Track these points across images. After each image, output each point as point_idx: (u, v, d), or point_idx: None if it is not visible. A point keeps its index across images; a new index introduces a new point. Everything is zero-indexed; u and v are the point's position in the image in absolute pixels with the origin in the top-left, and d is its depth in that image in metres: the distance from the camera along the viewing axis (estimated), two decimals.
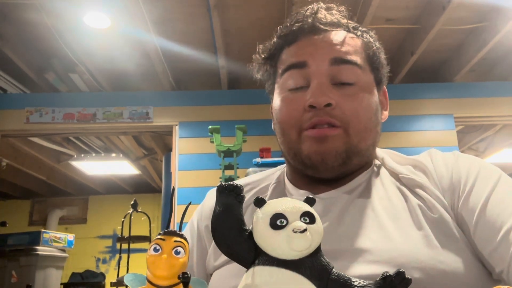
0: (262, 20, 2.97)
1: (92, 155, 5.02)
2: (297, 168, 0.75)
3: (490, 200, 0.63)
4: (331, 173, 0.71)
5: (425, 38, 3.06)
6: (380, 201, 0.69)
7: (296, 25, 0.75)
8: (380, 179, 0.74)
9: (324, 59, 0.71)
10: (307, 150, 0.70)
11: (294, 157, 0.73)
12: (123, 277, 2.90)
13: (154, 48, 3.18)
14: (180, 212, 3.21)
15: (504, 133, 4.67)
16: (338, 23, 0.76)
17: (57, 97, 3.69)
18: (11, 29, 3.07)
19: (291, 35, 0.76)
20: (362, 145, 0.71)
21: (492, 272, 0.62)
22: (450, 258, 0.60)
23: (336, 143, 0.69)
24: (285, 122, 0.73)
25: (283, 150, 0.76)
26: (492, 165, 0.71)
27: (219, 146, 2.58)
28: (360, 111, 0.70)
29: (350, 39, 0.75)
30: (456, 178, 0.69)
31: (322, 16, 0.76)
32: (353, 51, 0.73)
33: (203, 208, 0.84)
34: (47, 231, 4.45)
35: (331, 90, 0.70)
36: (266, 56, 0.80)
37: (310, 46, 0.73)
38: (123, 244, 4.01)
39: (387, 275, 0.38)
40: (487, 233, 0.61)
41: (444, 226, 0.64)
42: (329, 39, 0.73)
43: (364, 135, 0.71)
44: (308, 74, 0.72)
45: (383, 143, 3.13)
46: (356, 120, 0.70)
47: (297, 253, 0.38)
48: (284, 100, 0.74)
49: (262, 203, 0.40)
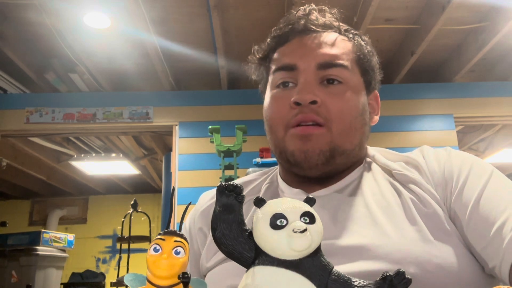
0: (262, 20, 2.97)
1: (92, 155, 5.02)
2: (285, 166, 0.76)
3: (483, 196, 0.64)
4: (315, 172, 0.71)
5: (425, 38, 3.06)
6: (373, 197, 0.69)
7: (288, 27, 0.76)
8: (372, 175, 0.74)
9: (312, 61, 0.72)
10: (292, 147, 0.71)
11: (280, 154, 0.74)
12: (123, 277, 2.90)
13: (154, 48, 3.18)
14: (180, 212, 3.21)
15: (504, 133, 4.67)
16: (330, 25, 0.77)
17: (57, 97, 3.69)
18: (11, 29, 3.07)
19: (283, 36, 0.77)
20: (347, 145, 0.72)
21: (484, 267, 0.62)
22: (444, 252, 0.61)
23: (320, 141, 0.69)
24: (272, 119, 0.74)
25: (272, 148, 0.77)
26: (484, 161, 0.72)
27: (219, 146, 2.58)
28: (345, 110, 0.71)
29: (340, 41, 0.75)
30: (449, 174, 0.69)
31: (314, 18, 0.76)
32: (342, 53, 0.73)
33: (195, 212, 0.84)
34: (47, 231, 4.45)
35: (317, 88, 0.71)
36: (261, 57, 0.81)
37: (300, 48, 0.74)
38: (123, 244, 4.01)
39: (387, 275, 0.38)
40: (480, 229, 0.62)
41: (438, 220, 0.64)
42: (319, 41, 0.74)
43: (349, 135, 0.72)
44: (296, 74, 0.73)
45: (384, 143, 3.14)
46: (340, 119, 0.70)
47: (297, 253, 0.38)
48: (272, 98, 0.75)
49: (262, 203, 0.40)
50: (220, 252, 0.70)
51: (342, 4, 0.77)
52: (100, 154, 5.10)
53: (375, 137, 3.45)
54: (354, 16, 2.88)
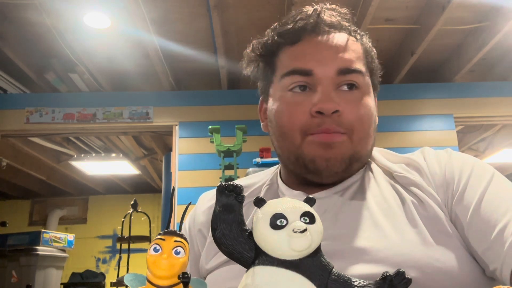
0: (262, 20, 2.97)
1: (92, 155, 5.02)
2: (297, 172, 0.73)
3: (484, 198, 0.64)
4: (333, 179, 0.71)
5: (425, 38, 3.06)
6: (374, 199, 0.69)
7: (299, 24, 0.73)
8: (373, 177, 0.74)
9: (331, 67, 0.70)
10: (312, 154, 0.69)
11: (295, 161, 0.71)
12: (123, 277, 2.90)
13: (154, 48, 3.18)
14: (180, 212, 3.21)
15: (504, 133, 4.67)
16: (341, 26, 0.75)
17: (57, 97, 3.69)
18: (11, 29, 3.07)
19: (292, 34, 0.73)
20: (363, 151, 0.72)
21: (485, 270, 0.62)
22: (445, 256, 0.61)
23: (342, 149, 0.69)
24: (288, 125, 0.71)
25: (282, 153, 0.75)
26: (485, 163, 0.71)
27: (219, 146, 2.58)
28: (364, 117, 0.71)
29: (352, 44, 0.74)
30: (450, 176, 0.69)
31: (327, 17, 0.74)
32: (357, 58, 0.72)
33: (195, 213, 0.84)
34: (47, 231, 4.45)
35: (336, 95, 0.69)
36: (262, 53, 0.77)
37: (315, 52, 0.71)
38: (123, 244, 4.01)
39: (387, 275, 0.38)
40: (481, 231, 0.61)
41: (439, 223, 0.64)
42: (334, 44, 0.72)
43: (366, 141, 0.72)
44: (313, 79, 0.70)
45: (384, 143, 3.14)
46: (360, 127, 0.70)
47: (297, 253, 0.38)
48: (287, 103, 0.72)
49: (262, 203, 0.40)
50: (219, 255, 0.70)
51: (342, 4, 0.77)
52: (100, 154, 5.10)
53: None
54: (354, 16, 2.87)
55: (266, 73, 0.78)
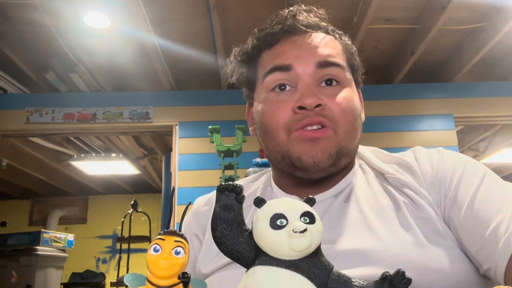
0: (262, 20, 2.96)
1: (92, 155, 5.02)
2: (285, 170, 0.74)
3: (477, 197, 0.64)
4: (320, 174, 0.71)
5: (425, 38, 3.06)
6: (367, 201, 0.69)
7: (276, 27, 0.75)
8: (366, 179, 0.74)
9: (310, 62, 0.71)
10: (298, 152, 0.69)
11: (282, 159, 0.72)
12: (123, 277, 2.90)
13: (154, 48, 3.18)
14: (180, 212, 3.21)
15: (504, 133, 4.67)
16: (318, 25, 0.76)
17: (57, 97, 3.69)
18: (11, 29, 3.07)
19: (270, 37, 0.75)
20: (350, 146, 0.72)
21: (479, 269, 0.62)
22: (439, 256, 0.61)
23: (328, 144, 0.69)
24: (272, 124, 0.71)
25: (269, 153, 0.75)
26: (477, 161, 0.72)
27: (219, 146, 2.58)
28: (348, 110, 0.71)
29: (331, 41, 0.75)
30: (442, 175, 0.69)
31: (303, 18, 0.75)
32: (336, 53, 0.73)
33: (190, 217, 0.84)
34: (47, 231, 4.45)
35: (319, 91, 0.70)
36: (244, 59, 0.79)
37: (293, 49, 0.73)
38: (123, 244, 4.01)
39: (387, 275, 0.38)
40: (475, 230, 0.62)
41: (432, 224, 0.64)
42: (312, 41, 0.73)
43: (352, 135, 0.72)
44: (293, 76, 0.71)
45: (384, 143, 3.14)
46: (344, 120, 0.70)
47: (297, 253, 0.38)
48: (270, 102, 0.72)
49: (262, 203, 0.40)
50: (216, 259, 0.70)
51: (342, 4, 0.77)
52: (100, 154, 5.10)
53: (374, 137, 3.45)
54: (354, 16, 2.88)
55: (249, 78, 0.79)
